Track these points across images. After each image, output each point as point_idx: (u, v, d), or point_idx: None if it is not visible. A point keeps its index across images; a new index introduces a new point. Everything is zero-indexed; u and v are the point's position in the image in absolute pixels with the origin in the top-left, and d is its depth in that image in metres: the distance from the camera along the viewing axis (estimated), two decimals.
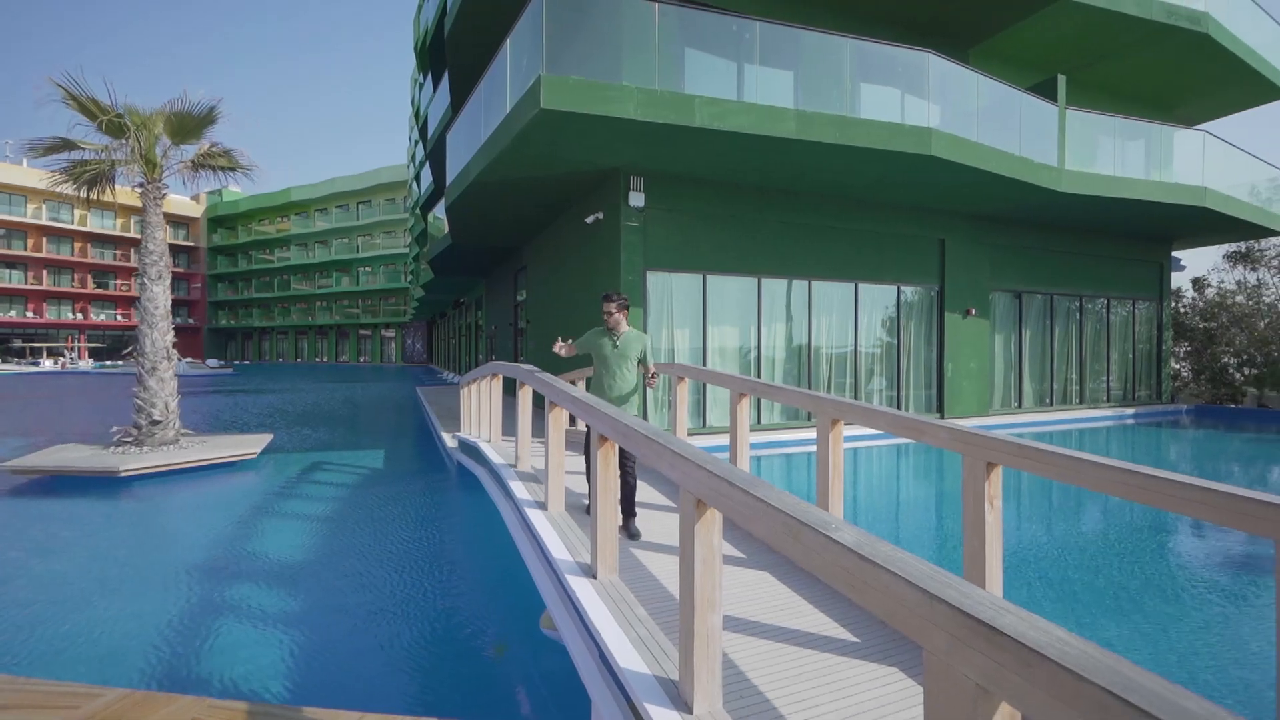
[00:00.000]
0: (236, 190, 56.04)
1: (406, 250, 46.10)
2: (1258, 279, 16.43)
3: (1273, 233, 14.60)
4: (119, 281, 52.90)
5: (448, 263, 18.09)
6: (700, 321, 9.88)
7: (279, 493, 7.68)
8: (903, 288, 11.70)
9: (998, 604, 1.02)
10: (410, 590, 4.57)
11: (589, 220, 9.69)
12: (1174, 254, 17.12)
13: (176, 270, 50.39)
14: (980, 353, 12.45)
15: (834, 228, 10.80)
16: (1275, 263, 16.45)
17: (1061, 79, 10.71)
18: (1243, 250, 16.66)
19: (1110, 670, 0.83)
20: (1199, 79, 13.87)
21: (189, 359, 43.39)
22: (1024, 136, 10.17)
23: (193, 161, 9.62)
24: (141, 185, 9.24)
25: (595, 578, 2.89)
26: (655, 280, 9.51)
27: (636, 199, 9.01)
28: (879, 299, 11.53)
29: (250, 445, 9.43)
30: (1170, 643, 3.56)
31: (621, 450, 3.46)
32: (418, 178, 28.04)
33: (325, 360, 56.04)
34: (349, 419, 15.79)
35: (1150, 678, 0.83)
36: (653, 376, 4.31)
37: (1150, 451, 10.79)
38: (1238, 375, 16.00)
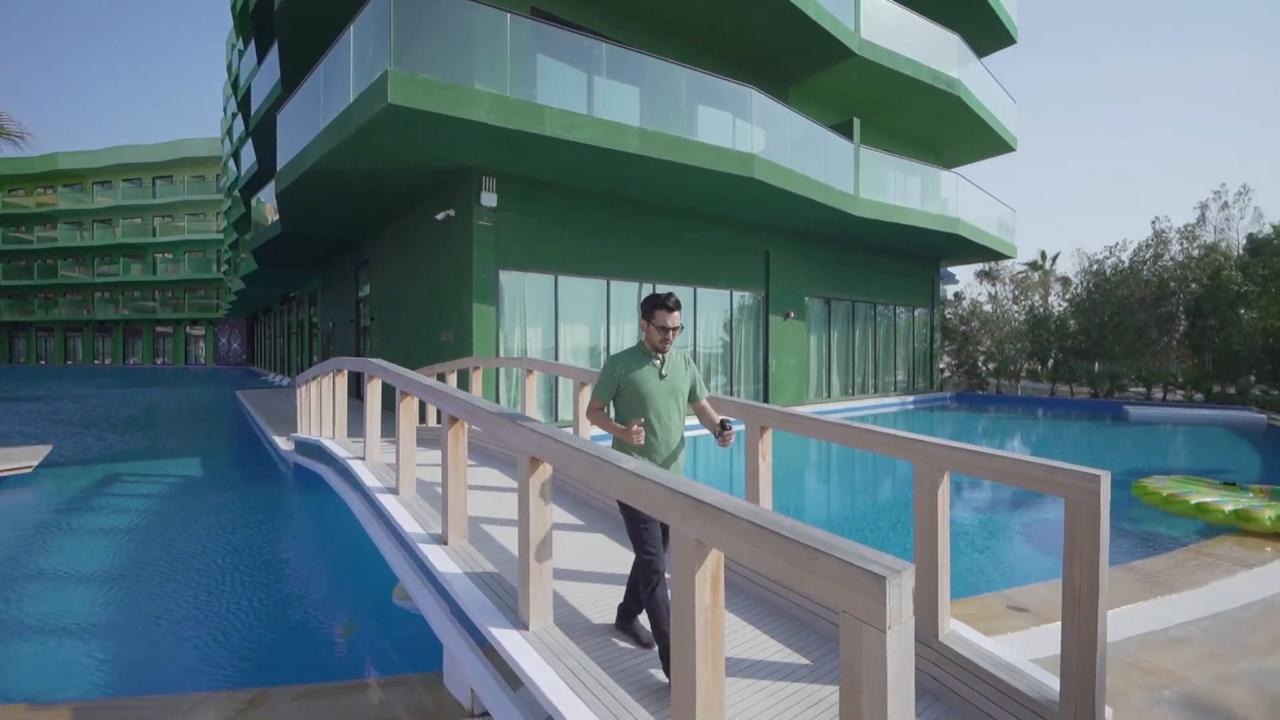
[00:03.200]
0: None
1: (220, 236, 40.57)
2: (995, 293, 20.80)
3: (1006, 256, 18.64)
4: None
5: (276, 253, 16.49)
6: (553, 321, 10.32)
7: (73, 508, 6.72)
8: (735, 293, 13.15)
9: (705, 489, 1.64)
10: (254, 588, 4.45)
11: (440, 217, 9.66)
12: (950, 269, 21.04)
13: None
14: (798, 351, 14.38)
15: (676, 236, 11.85)
16: (1009, 280, 20.98)
17: (856, 121, 12.80)
18: (987, 269, 20.99)
19: (751, 512, 1.46)
20: (956, 130, 17.28)
21: None
22: (829, 166, 12.02)
23: None
24: None
25: (446, 544, 3.23)
26: (508, 279, 9.76)
27: (489, 199, 9.20)
28: (715, 303, 12.85)
29: (22, 458, 8.03)
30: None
31: (641, 532, 2.49)
32: (237, 155, 24.93)
33: (110, 363, 47.15)
34: (151, 426, 13.80)
35: (768, 514, 1.46)
36: (728, 432, 2.65)
37: (924, 427, 13.31)
38: (984, 369, 20.15)
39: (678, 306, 2.63)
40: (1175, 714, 2.57)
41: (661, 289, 11.79)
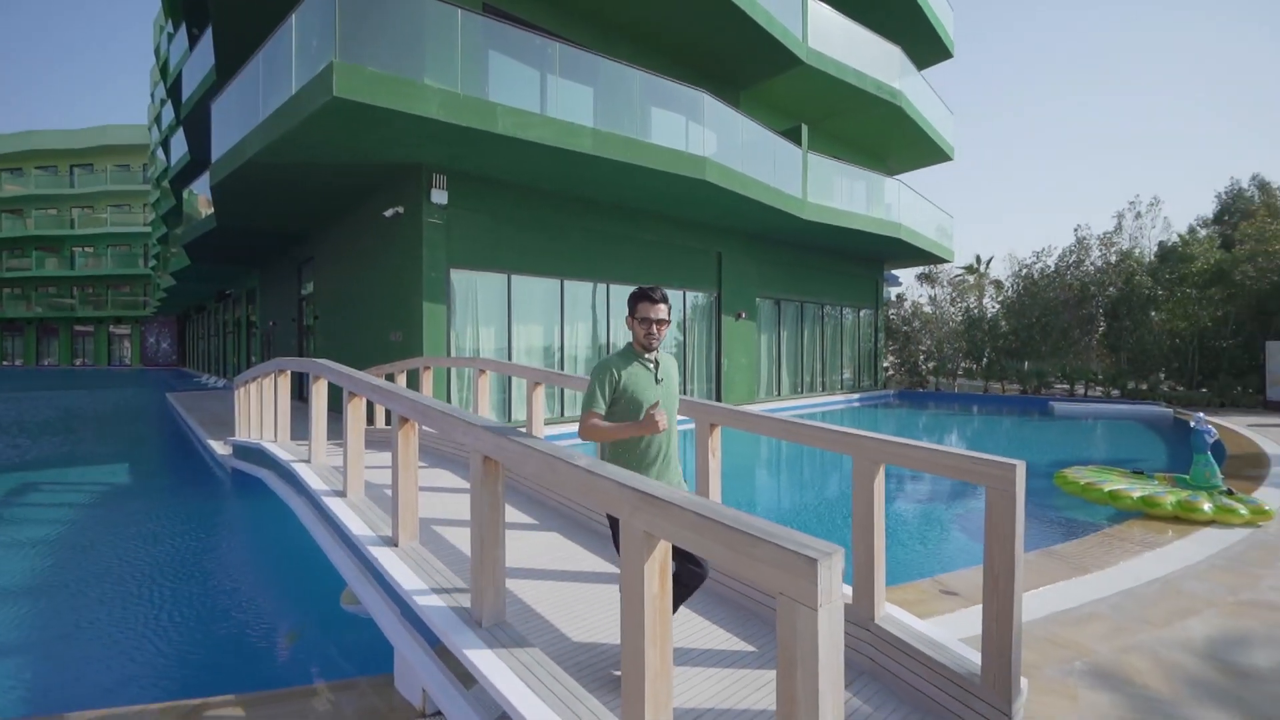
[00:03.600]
0: None
1: (148, 229, 38.25)
2: (935, 295, 21.81)
3: (944, 260, 19.57)
4: None
5: (211, 248, 15.67)
6: (506, 320, 10.22)
7: None
8: (688, 293, 13.33)
9: (654, 485, 1.71)
10: (191, 598, 4.25)
11: (388, 214, 9.42)
12: (894, 271, 21.89)
13: None
14: (749, 350, 14.69)
15: (630, 236, 11.92)
16: (947, 283, 22.02)
17: (805, 128, 13.19)
18: (927, 273, 21.98)
19: (696, 504, 1.54)
20: (897, 139, 18.01)
21: None
22: (778, 171, 12.33)
23: None
24: None
25: (397, 546, 3.19)
26: (460, 278, 9.61)
27: (439, 196, 9.03)
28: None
29: None
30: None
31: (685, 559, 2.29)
32: (166, 144, 23.55)
33: (20, 364, 43.63)
34: (71, 431, 12.89)
35: (712, 504, 1.55)
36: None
37: (868, 424, 13.84)
38: (924, 367, 21.09)
39: (664, 299, 2.46)
40: (1084, 683, 2.81)
41: (615, 289, 11.84)
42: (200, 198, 14.68)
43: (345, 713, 2.62)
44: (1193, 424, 6.31)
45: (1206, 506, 5.43)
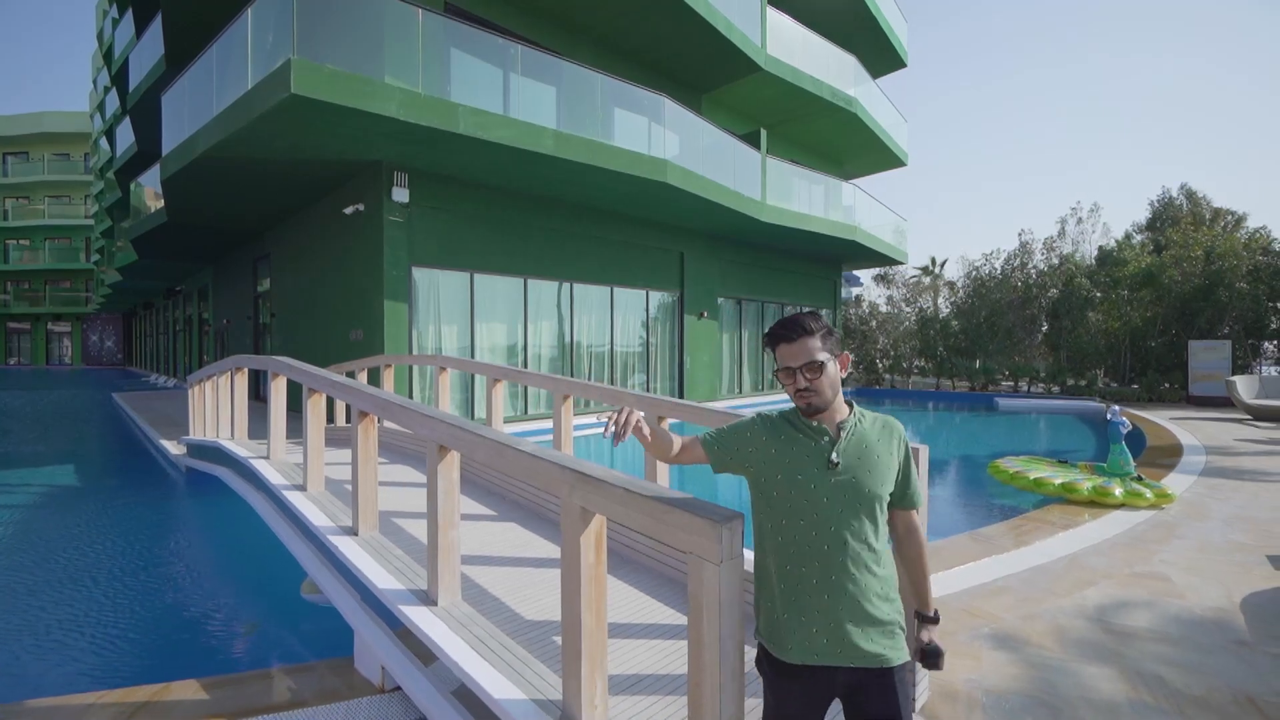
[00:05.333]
0: None
1: (90, 222, 36.46)
2: (891, 295, 22.61)
3: (899, 262, 20.31)
4: None
5: (160, 243, 15.16)
6: (468, 319, 10.27)
7: None
8: (650, 293, 13.57)
9: (592, 465, 1.91)
10: (149, 594, 4.26)
11: (348, 211, 9.37)
12: (855, 272, 22.56)
13: None
14: (711, 348, 15.03)
15: (593, 236, 12.08)
16: (902, 284, 22.85)
17: (763, 132, 13.56)
18: (883, 274, 22.76)
19: (625, 481, 1.75)
20: (854, 144, 18.63)
21: None
22: (738, 174, 12.66)
23: None
24: None
25: (357, 535, 3.31)
26: (422, 276, 9.62)
27: (400, 194, 9.03)
28: (631, 302, 13.21)
29: None
30: None
31: None
32: (110, 133, 22.58)
33: None
34: (5, 433, 12.35)
35: (637, 481, 1.76)
36: (929, 650, 1.54)
37: None
38: (881, 365, 21.86)
39: (805, 331, 1.51)
40: (988, 645, 3.13)
41: (579, 289, 11.99)
42: (148, 190, 14.22)
43: (305, 693, 2.75)
44: (1109, 416, 6.84)
45: (1118, 491, 5.93)
